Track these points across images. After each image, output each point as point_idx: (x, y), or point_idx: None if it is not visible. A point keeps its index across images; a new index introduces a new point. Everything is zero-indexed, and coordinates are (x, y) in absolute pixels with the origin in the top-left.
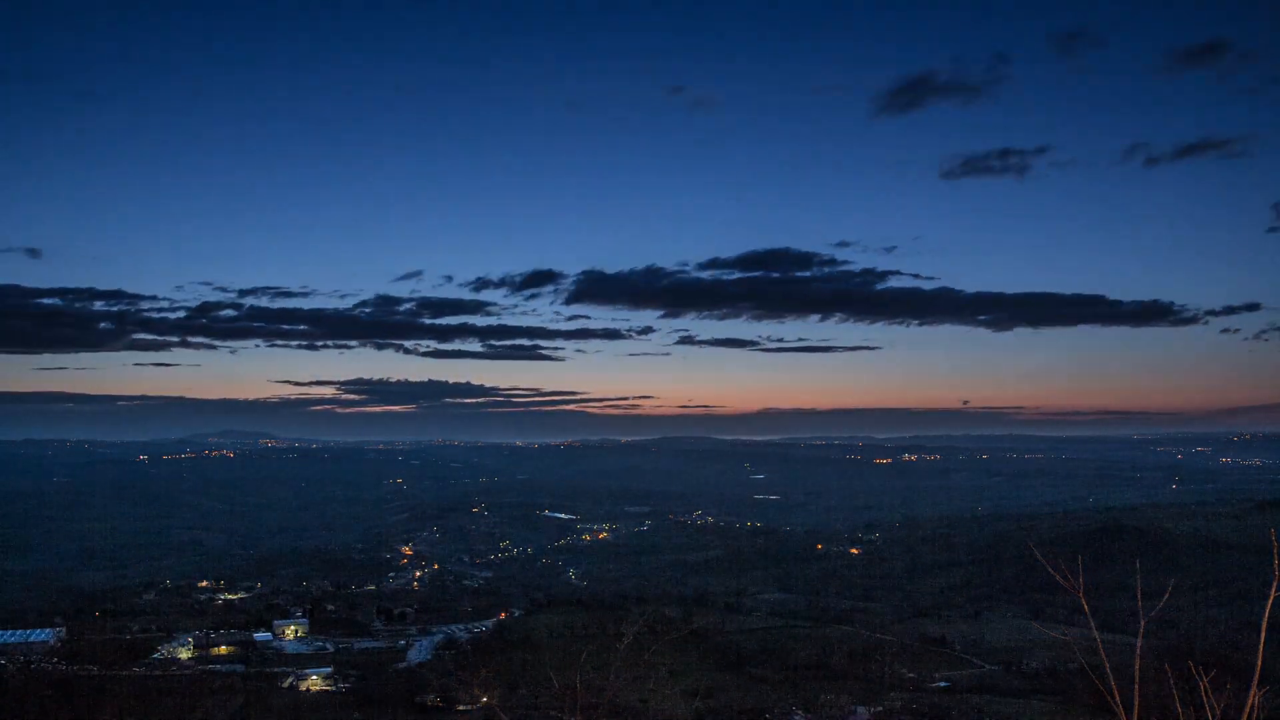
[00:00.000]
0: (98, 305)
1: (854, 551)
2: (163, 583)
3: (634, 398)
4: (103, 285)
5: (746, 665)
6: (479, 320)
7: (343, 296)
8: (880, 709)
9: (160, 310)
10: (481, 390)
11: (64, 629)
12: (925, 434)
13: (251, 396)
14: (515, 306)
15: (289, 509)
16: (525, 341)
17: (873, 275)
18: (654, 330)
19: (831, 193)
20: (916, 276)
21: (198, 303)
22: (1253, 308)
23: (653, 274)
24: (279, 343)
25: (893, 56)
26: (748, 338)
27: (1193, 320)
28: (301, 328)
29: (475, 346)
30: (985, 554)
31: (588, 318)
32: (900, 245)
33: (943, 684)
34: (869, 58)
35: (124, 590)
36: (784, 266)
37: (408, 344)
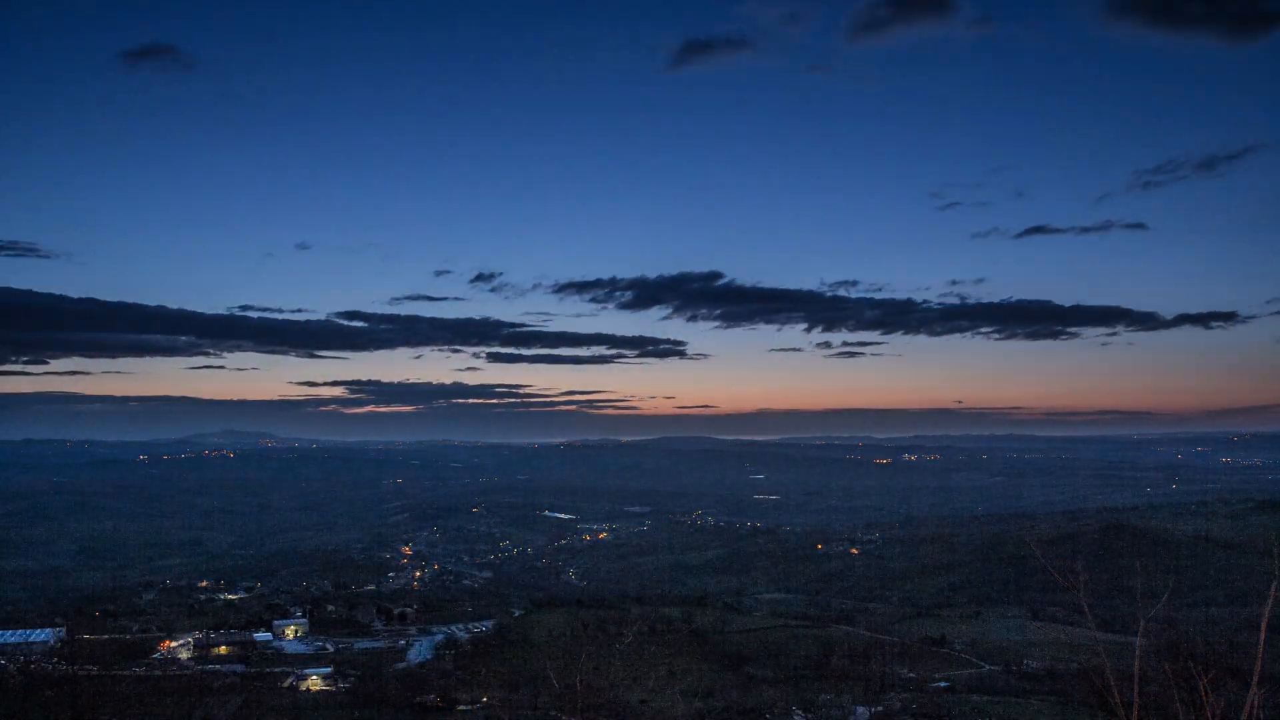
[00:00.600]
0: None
1: (854, 551)
2: (163, 583)
3: (634, 398)
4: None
5: (746, 665)
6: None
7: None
8: (880, 709)
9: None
10: (482, 391)
11: (64, 629)
12: (925, 434)
13: (252, 397)
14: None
15: (289, 509)
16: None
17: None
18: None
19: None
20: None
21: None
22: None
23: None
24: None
25: None
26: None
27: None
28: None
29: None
30: (985, 554)
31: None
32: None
33: (943, 684)
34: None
35: (124, 590)
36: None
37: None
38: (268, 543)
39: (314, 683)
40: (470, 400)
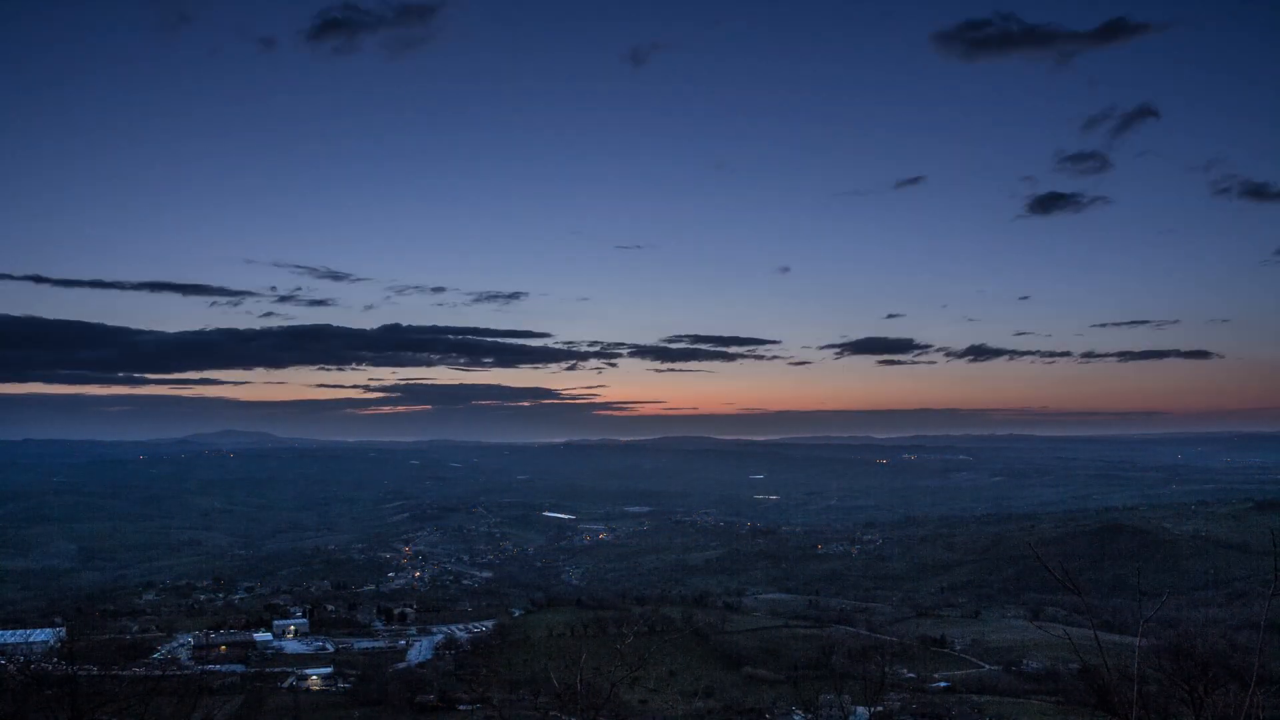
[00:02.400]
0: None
1: (854, 551)
2: (163, 583)
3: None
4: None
5: (746, 665)
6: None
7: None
8: (880, 709)
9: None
10: (483, 391)
11: (64, 629)
12: (925, 434)
13: (251, 397)
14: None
15: (289, 509)
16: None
17: None
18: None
19: None
20: None
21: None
22: None
23: None
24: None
25: None
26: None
27: None
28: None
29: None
30: (985, 554)
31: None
32: None
33: (943, 684)
34: None
35: (124, 590)
36: None
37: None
38: (268, 543)
39: (314, 683)
40: (470, 400)
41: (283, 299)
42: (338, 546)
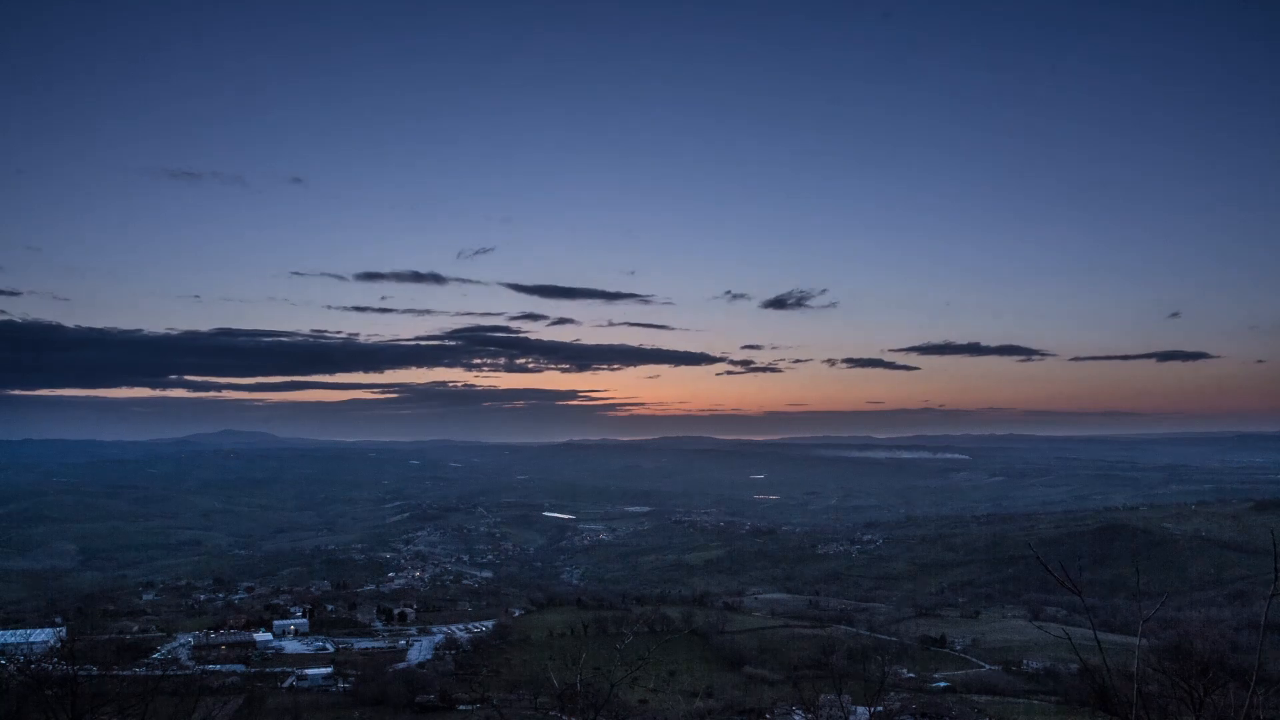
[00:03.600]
0: None
1: (854, 551)
2: (162, 583)
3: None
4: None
5: (746, 665)
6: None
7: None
8: (880, 709)
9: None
10: (483, 392)
11: (64, 629)
12: (925, 434)
13: (252, 397)
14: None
15: (289, 509)
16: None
17: None
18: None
19: None
20: None
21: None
22: None
23: None
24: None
25: None
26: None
27: None
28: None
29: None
30: (985, 554)
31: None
32: None
33: (942, 684)
34: None
35: (124, 590)
36: None
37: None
38: (268, 543)
39: (314, 683)
40: (470, 401)
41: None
42: (338, 546)
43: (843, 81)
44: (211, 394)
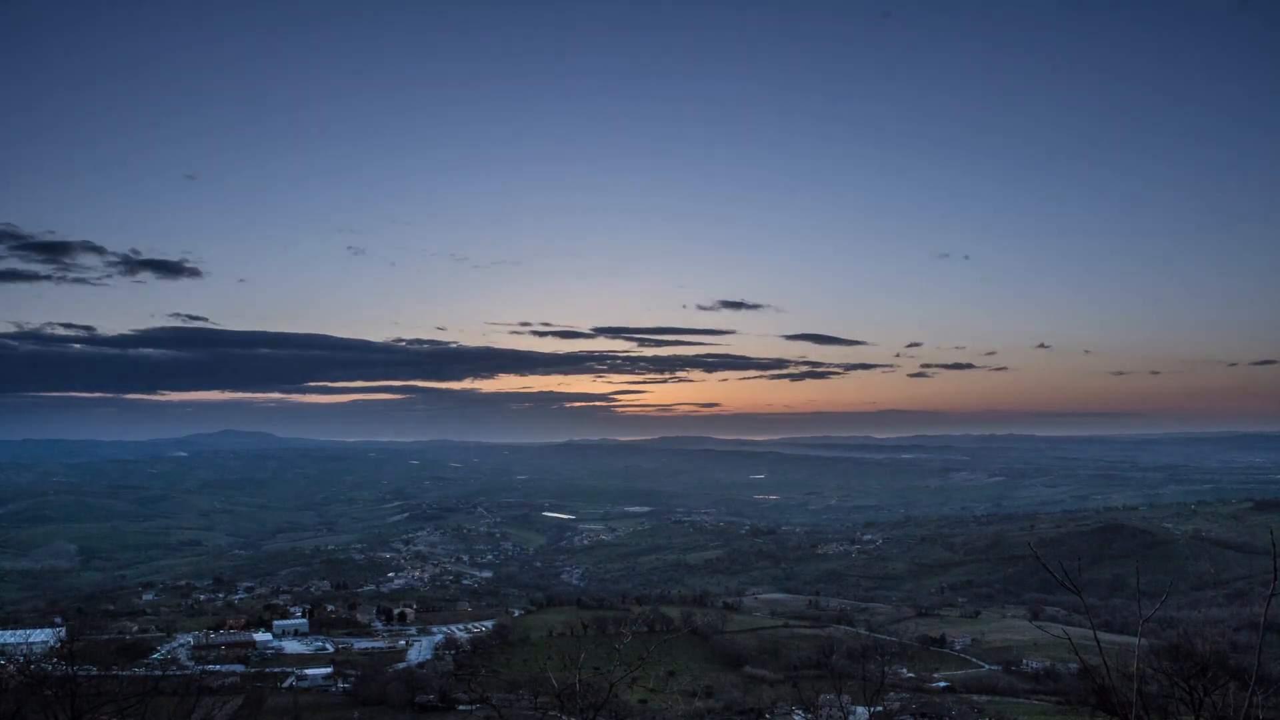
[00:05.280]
0: None
1: (854, 551)
2: (163, 583)
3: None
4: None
5: (746, 665)
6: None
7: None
8: (880, 709)
9: None
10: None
11: (64, 629)
12: (925, 434)
13: (251, 397)
14: None
15: (289, 509)
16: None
17: None
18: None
19: None
20: None
21: None
22: None
23: None
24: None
25: None
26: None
27: None
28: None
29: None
30: (985, 554)
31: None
32: None
33: (942, 684)
34: None
35: (124, 590)
36: None
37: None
38: (268, 543)
39: (314, 683)
40: (471, 401)
41: None
42: (338, 546)
43: (843, 82)
44: (213, 395)
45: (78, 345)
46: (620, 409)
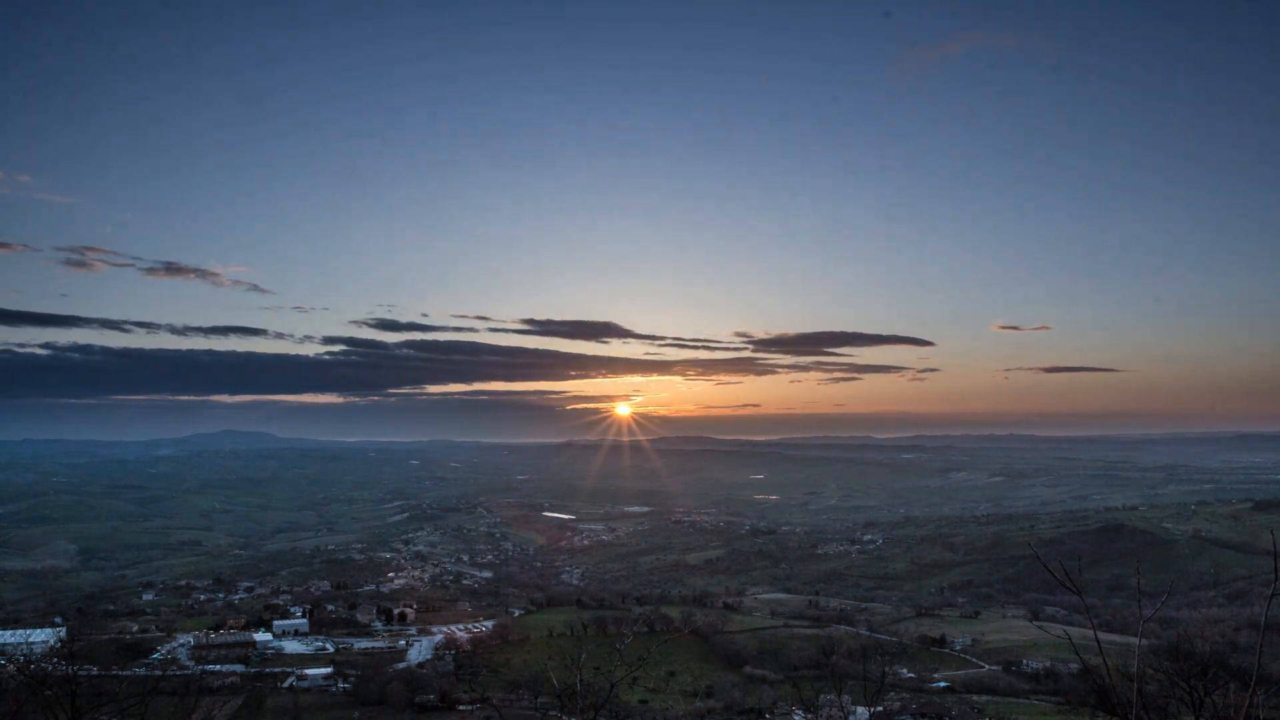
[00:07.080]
0: None
1: (854, 551)
2: (162, 583)
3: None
4: None
5: (746, 665)
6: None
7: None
8: (880, 709)
9: None
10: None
11: (64, 629)
12: (925, 434)
13: (252, 398)
14: None
15: (289, 509)
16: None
17: None
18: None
19: None
20: None
21: None
22: None
23: None
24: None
25: None
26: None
27: None
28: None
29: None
30: (985, 554)
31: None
32: None
33: (942, 684)
34: None
35: (124, 590)
36: None
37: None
38: (268, 543)
39: (314, 683)
40: (471, 401)
41: None
42: (338, 546)
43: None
44: (212, 395)
45: (77, 355)
46: (620, 409)
